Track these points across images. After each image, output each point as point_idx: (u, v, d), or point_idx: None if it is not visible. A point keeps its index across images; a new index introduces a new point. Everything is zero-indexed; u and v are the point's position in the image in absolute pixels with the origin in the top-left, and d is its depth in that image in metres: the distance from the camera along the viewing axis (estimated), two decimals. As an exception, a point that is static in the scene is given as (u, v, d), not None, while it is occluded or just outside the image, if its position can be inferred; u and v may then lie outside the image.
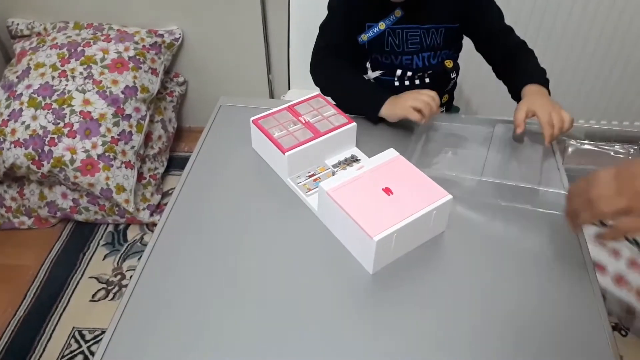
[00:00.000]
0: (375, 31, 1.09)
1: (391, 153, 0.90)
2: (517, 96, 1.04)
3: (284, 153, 0.90)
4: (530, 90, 1.01)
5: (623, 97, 1.82)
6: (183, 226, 0.88)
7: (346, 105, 1.03)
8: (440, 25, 1.10)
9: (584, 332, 0.74)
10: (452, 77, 1.19)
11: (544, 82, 1.04)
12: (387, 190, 0.82)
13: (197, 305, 0.76)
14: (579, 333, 0.74)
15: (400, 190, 0.82)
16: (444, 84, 1.20)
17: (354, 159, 0.97)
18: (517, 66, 1.10)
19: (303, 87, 1.12)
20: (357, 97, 1.07)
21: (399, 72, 1.14)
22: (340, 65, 1.10)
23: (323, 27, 1.14)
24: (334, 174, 0.93)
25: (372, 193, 0.82)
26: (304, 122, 0.96)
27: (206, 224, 0.88)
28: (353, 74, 1.12)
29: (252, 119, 0.97)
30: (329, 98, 1.04)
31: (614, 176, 0.64)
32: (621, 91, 1.81)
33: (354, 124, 0.96)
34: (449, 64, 1.16)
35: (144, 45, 1.78)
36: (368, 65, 1.15)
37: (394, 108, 1.02)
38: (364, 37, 1.10)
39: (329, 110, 0.99)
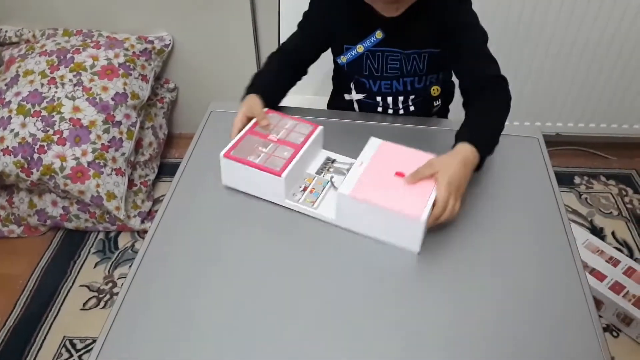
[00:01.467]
0: (354, 54, 1.06)
1: (376, 141, 0.91)
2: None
3: (280, 175, 0.86)
4: (459, 151, 0.86)
5: (618, 100, 1.84)
6: (174, 233, 0.88)
7: None
8: (422, 50, 1.03)
9: (575, 334, 0.74)
10: (435, 104, 1.15)
11: (485, 145, 0.88)
12: (400, 174, 0.84)
13: (188, 312, 0.76)
14: (570, 334, 0.74)
15: (409, 170, 0.84)
16: (428, 110, 1.15)
17: (331, 160, 0.96)
18: (476, 108, 0.95)
19: (294, 93, 1.12)
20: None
21: (378, 98, 1.11)
22: (273, 61, 1.09)
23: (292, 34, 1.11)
24: (332, 177, 0.92)
25: (389, 181, 0.84)
26: (275, 140, 0.92)
27: (197, 230, 0.88)
28: (273, 66, 1.09)
29: (221, 154, 0.89)
30: (279, 111, 1.00)
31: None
32: (618, 94, 1.82)
33: (321, 127, 0.96)
34: (435, 91, 1.11)
35: (134, 52, 1.77)
36: (352, 86, 1.14)
37: None
38: (343, 58, 1.08)
39: (288, 121, 0.97)
